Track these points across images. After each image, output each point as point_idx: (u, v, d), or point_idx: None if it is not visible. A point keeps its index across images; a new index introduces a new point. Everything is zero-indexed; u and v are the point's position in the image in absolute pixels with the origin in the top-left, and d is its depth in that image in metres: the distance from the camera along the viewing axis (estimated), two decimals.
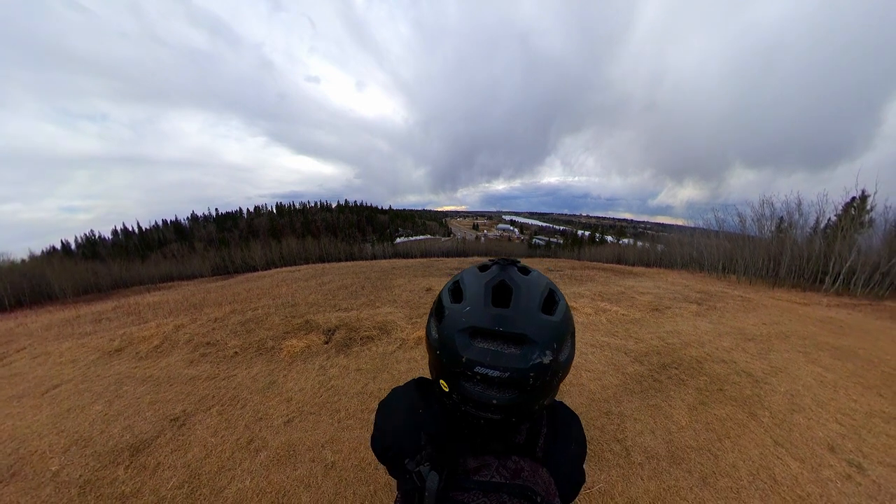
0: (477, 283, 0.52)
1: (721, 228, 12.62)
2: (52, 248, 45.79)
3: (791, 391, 2.81)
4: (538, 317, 0.47)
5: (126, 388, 3.22)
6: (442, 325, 0.50)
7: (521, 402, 0.46)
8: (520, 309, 0.47)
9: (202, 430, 2.46)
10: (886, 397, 2.73)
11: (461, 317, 0.48)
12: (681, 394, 2.75)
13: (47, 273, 14.45)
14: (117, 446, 2.30)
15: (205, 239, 73.29)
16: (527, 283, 0.50)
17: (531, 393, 0.45)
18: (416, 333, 4.24)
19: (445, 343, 0.48)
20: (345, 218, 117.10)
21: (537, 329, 0.46)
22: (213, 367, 3.64)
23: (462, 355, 0.46)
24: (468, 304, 0.49)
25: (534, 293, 0.49)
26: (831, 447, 2.15)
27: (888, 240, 7.95)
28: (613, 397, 2.71)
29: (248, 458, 2.14)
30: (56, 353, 4.44)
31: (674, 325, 4.59)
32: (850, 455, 2.08)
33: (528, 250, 45.09)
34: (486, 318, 0.47)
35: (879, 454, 2.09)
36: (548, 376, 0.45)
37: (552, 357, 0.45)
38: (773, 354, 3.61)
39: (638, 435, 2.22)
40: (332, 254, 22.71)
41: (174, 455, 2.20)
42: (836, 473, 1.94)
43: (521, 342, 0.45)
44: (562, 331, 0.48)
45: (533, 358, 0.44)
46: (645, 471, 1.92)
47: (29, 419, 2.72)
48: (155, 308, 7.48)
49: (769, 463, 2.00)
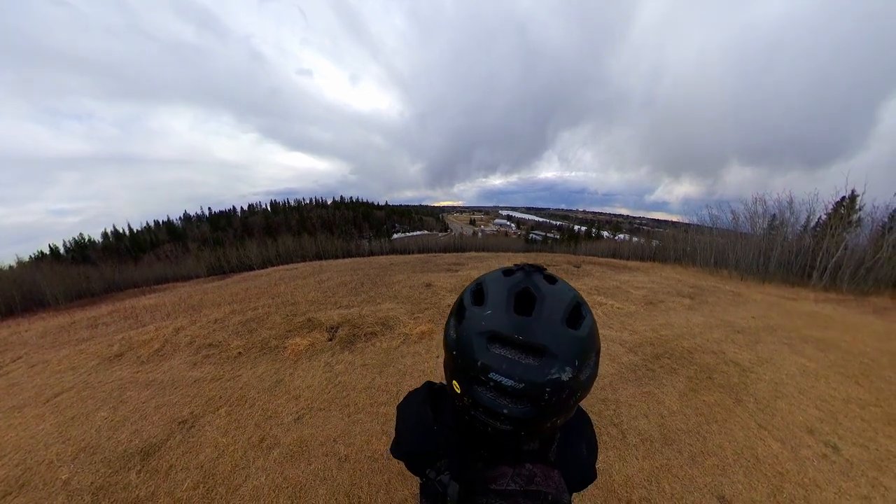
0: (500, 288, 0.50)
1: (715, 225, 12.87)
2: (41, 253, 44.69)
3: (775, 379, 2.98)
4: (561, 329, 0.45)
5: (130, 393, 3.17)
6: (461, 326, 0.49)
7: (534, 417, 0.44)
8: (542, 319, 0.45)
9: (212, 431, 2.44)
10: (863, 385, 2.91)
11: (481, 320, 0.47)
12: (672, 381, 2.91)
13: (38, 279, 14.14)
14: (127, 451, 2.28)
15: (199, 239, 72.36)
16: (552, 293, 0.48)
17: (545, 409, 0.43)
18: (419, 328, 4.34)
19: (462, 344, 0.47)
20: (341, 215, 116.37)
21: (559, 342, 0.43)
22: (217, 368, 3.58)
23: (478, 359, 0.45)
24: (489, 308, 0.48)
25: (558, 304, 0.47)
26: (810, 430, 2.32)
27: (874, 238, 8.21)
28: (610, 385, 2.86)
29: (261, 455, 2.15)
30: (54, 361, 4.31)
31: (667, 318, 4.76)
32: (826, 437, 2.25)
33: (525, 245, 45.39)
34: (507, 325, 0.45)
35: (853, 436, 2.26)
36: (565, 394, 0.43)
37: (572, 374, 0.43)
38: (760, 346, 3.78)
39: (633, 419, 2.37)
40: (329, 251, 22.65)
41: (186, 457, 2.19)
42: (814, 453, 2.10)
43: (540, 354, 0.43)
44: (586, 347, 0.45)
45: (551, 372, 0.42)
46: (639, 451, 2.07)
47: (33, 429, 2.66)
48: (152, 311, 7.32)
49: (752, 444, 2.16)
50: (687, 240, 13.82)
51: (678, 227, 16.16)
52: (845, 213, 10.02)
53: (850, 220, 9.58)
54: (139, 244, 73.02)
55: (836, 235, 8.59)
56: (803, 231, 10.13)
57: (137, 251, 61.18)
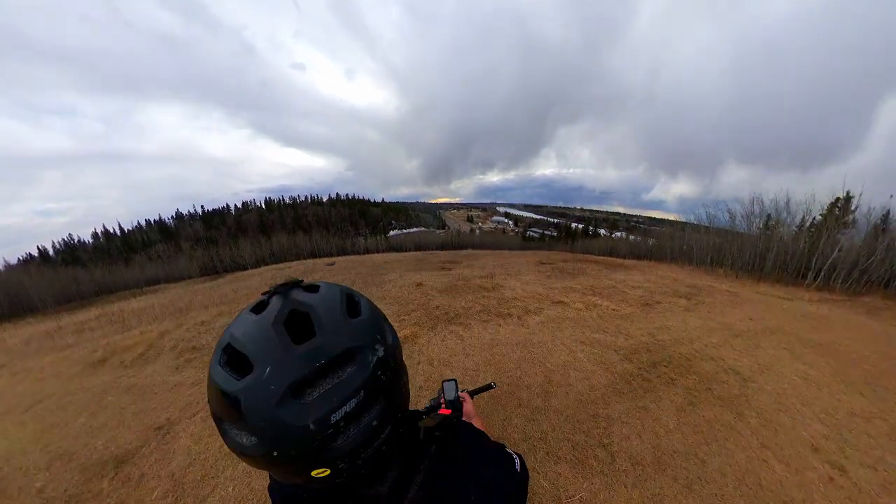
0: (260, 332, 0.39)
1: (711, 224, 12.83)
2: (28, 256, 43.85)
3: (777, 390, 2.83)
4: (350, 324, 0.43)
5: (110, 398, 3.19)
6: (249, 421, 0.35)
7: (389, 407, 0.42)
8: (327, 328, 0.40)
9: (185, 439, 2.45)
10: (866, 396, 2.77)
11: (266, 386, 0.35)
12: (670, 394, 2.75)
13: (25, 282, 13.86)
14: (101, 459, 2.30)
15: (191, 238, 71.46)
16: (320, 300, 0.44)
17: (388, 391, 0.42)
18: (402, 332, 4.20)
19: (278, 433, 0.35)
20: (336, 212, 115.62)
21: (357, 335, 0.42)
22: (197, 372, 3.62)
23: (306, 424, 0.35)
24: (264, 365, 0.36)
25: (333, 305, 0.43)
26: (815, 448, 2.16)
27: (868, 239, 8.21)
28: (601, 398, 2.69)
29: (230, 465, 2.13)
30: (37, 369, 4.38)
31: (663, 321, 4.61)
32: (832, 456, 2.09)
33: (523, 242, 45.39)
34: (299, 363, 0.36)
35: (860, 455, 2.11)
36: (391, 363, 0.44)
37: (383, 346, 0.44)
38: (760, 351, 3.64)
39: (624, 439, 2.20)
40: (324, 249, 22.39)
41: (158, 465, 2.20)
42: (820, 476, 1.94)
43: (351, 357, 0.40)
44: (375, 321, 0.46)
45: (369, 361, 0.41)
46: (629, 478, 1.89)
47: (12, 437, 2.70)
48: (140, 314, 7.37)
49: (755, 467, 1.99)
50: (683, 238, 13.79)
51: (675, 226, 16.15)
52: (840, 213, 10.02)
53: (845, 221, 9.59)
54: (130, 244, 71.98)
55: (831, 237, 8.56)
56: (799, 231, 10.15)
57: (129, 252, 60.31)
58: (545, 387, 2.84)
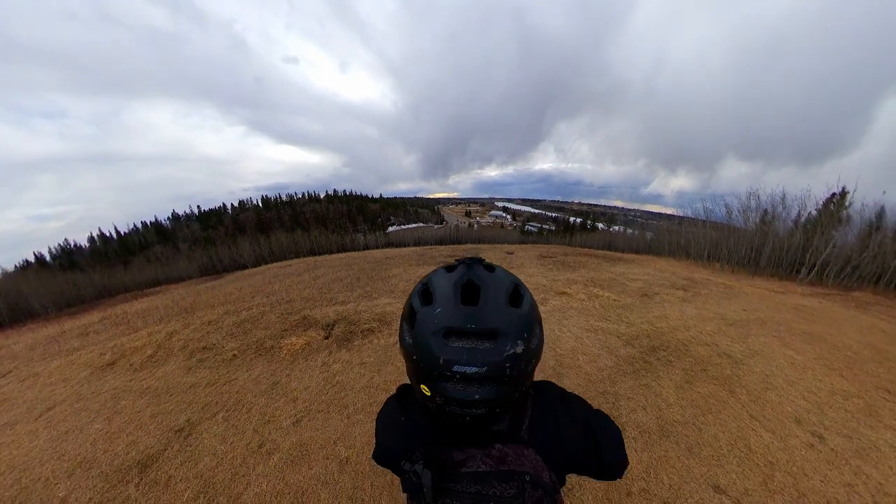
0: (446, 284, 0.53)
1: (709, 218, 13.02)
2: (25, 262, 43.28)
3: (765, 372, 3.09)
4: (507, 310, 0.49)
5: (124, 402, 3.09)
6: (415, 330, 0.51)
7: (502, 394, 0.48)
8: (489, 305, 0.49)
9: (210, 439, 2.41)
10: (847, 378, 3.03)
11: (433, 319, 0.49)
12: (669, 374, 3.00)
13: (24, 289, 13.73)
14: (124, 464, 2.23)
15: (189, 239, 70.87)
16: (493, 280, 0.53)
17: (509, 383, 0.48)
18: None
19: (421, 347, 0.49)
20: (334, 208, 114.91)
21: (507, 322, 0.48)
22: (212, 372, 3.50)
23: (439, 357, 0.47)
24: (439, 306, 0.50)
25: (500, 289, 0.51)
26: (798, 420, 2.42)
27: (861, 236, 8.38)
28: (608, 378, 2.94)
29: (261, 461, 2.12)
30: (45, 374, 4.16)
31: (662, 311, 4.86)
32: (813, 427, 2.35)
33: (521, 236, 45.50)
34: (459, 318, 0.48)
35: (838, 426, 2.37)
36: (522, 364, 0.48)
37: (524, 346, 0.48)
38: (751, 339, 3.90)
39: (631, 412, 2.45)
40: (324, 246, 22.41)
41: (184, 467, 2.15)
42: (801, 443, 2.20)
43: (493, 336, 0.47)
44: (529, 321, 0.51)
45: (507, 350, 0.46)
46: (638, 443, 2.15)
47: (26, 446, 2.59)
48: (144, 315, 7.14)
49: (745, 434, 2.25)
50: (681, 232, 14.01)
51: (672, 220, 16.35)
52: (835, 209, 10.20)
53: (839, 217, 9.75)
54: (128, 247, 71.28)
55: (825, 233, 8.75)
56: (794, 227, 10.32)
57: (126, 254, 59.86)
58: (557, 369, 3.09)
